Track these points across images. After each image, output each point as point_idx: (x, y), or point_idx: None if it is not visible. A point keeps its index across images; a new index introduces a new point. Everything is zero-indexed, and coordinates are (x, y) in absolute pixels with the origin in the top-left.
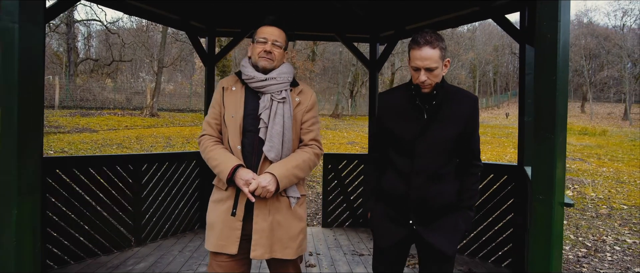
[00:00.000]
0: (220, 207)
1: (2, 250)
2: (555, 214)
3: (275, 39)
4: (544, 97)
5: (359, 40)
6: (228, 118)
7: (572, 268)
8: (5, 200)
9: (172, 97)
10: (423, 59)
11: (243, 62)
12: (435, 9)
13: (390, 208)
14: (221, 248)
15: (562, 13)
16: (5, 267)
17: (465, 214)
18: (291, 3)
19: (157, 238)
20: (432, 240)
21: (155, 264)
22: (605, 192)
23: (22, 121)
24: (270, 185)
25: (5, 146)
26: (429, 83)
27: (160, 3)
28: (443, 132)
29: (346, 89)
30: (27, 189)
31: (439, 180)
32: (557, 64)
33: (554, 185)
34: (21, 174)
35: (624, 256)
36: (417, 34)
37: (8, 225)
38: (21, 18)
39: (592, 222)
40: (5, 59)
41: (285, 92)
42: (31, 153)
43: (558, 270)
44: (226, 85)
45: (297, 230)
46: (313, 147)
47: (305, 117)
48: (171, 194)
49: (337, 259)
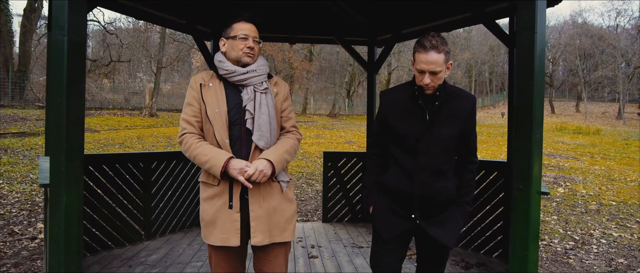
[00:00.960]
0: (216, 202)
1: (53, 232)
2: (532, 201)
3: (254, 35)
4: (523, 100)
5: (357, 43)
6: (211, 114)
7: (559, 259)
8: (56, 190)
9: (170, 98)
10: (429, 63)
11: (219, 57)
12: (430, 14)
13: (393, 203)
14: (225, 241)
15: (539, 25)
16: (56, 246)
17: (463, 208)
18: (292, 8)
19: (166, 232)
20: (435, 234)
21: (167, 256)
22: (595, 189)
23: (68, 119)
24: (266, 169)
25: (55, 143)
26: (433, 86)
27: (169, 8)
28: (445, 131)
29: (343, 89)
30: (73, 180)
31: (441, 177)
32: (534, 70)
33: (532, 176)
34: (69, 167)
35: (610, 248)
36: (423, 38)
37: (58, 211)
38: (69, 32)
39: (581, 217)
40: (56, 66)
41: (266, 83)
42: (76, 148)
43: (535, 251)
44: (203, 81)
45: (290, 212)
46: (294, 133)
47: (284, 105)
48: (179, 190)
49: (337, 251)
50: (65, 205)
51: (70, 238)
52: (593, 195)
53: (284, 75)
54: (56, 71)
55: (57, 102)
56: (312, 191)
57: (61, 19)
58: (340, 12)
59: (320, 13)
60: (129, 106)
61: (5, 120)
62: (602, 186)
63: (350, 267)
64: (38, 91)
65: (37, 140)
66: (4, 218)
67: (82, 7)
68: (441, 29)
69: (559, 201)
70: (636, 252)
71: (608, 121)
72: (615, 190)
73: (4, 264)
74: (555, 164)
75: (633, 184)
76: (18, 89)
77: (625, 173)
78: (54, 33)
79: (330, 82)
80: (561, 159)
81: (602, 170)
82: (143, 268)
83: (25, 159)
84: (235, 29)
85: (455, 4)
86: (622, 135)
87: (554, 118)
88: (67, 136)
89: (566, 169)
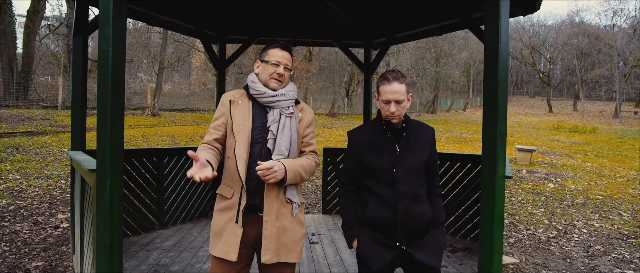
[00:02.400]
0: (226, 215)
1: (100, 210)
2: (498, 184)
3: (286, 63)
4: (489, 98)
5: (354, 46)
6: (237, 129)
7: (542, 246)
8: (103, 174)
9: (171, 98)
10: (393, 92)
11: (252, 78)
12: (421, 20)
13: (377, 233)
14: (225, 254)
15: (502, 36)
16: (102, 222)
17: (440, 229)
18: (293, 13)
19: (177, 222)
20: (422, 257)
21: (179, 242)
22: (584, 184)
23: (112, 115)
24: (279, 171)
25: (103, 134)
26: (398, 114)
27: (179, 15)
28: (415, 158)
29: (342, 89)
30: (116, 165)
31: (419, 201)
32: (498, 74)
33: (497, 162)
34: (112, 155)
35: (590, 237)
36: (385, 72)
37: (104, 192)
38: (113, 43)
39: (567, 210)
40: (103, 70)
41: (292, 108)
42: (118, 138)
43: (500, 227)
44: (233, 98)
45: (299, 234)
46: (313, 157)
47: (306, 131)
48: (188, 184)
49: (336, 238)
50: (110, 186)
51: (113, 213)
52: (581, 190)
53: None
54: (103, 74)
55: (103, 100)
56: (312, 186)
57: (106, 33)
58: (338, 17)
59: (319, 18)
60: (130, 106)
61: (12, 120)
62: (591, 182)
63: (347, 252)
64: (41, 91)
65: (46, 139)
66: (27, 210)
67: (123, 23)
68: (431, 33)
69: (547, 195)
70: (614, 240)
71: (605, 119)
72: (604, 186)
73: (34, 249)
74: (548, 161)
75: (622, 180)
76: (22, 89)
77: (615, 170)
78: (100, 44)
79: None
80: (555, 157)
81: (593, 167)
82: (159, 252)
83: (37, 156)
84: (270, 54)
85: (443, 11)
86: (618, 133)
87: (551, 117)
88: (111, 129)
89: (558, 166)
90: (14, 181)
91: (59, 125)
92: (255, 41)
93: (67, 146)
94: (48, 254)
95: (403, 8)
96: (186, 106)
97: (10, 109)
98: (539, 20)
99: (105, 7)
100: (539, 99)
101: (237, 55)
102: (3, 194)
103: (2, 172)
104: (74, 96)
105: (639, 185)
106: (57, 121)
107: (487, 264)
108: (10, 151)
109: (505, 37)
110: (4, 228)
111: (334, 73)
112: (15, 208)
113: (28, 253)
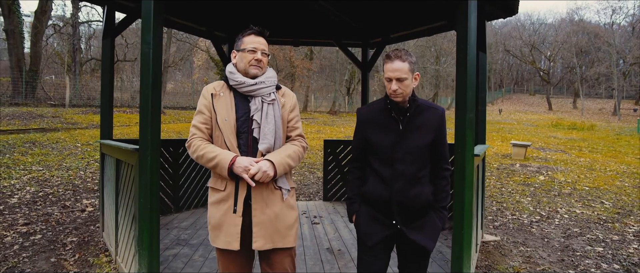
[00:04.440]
0: (222, 207)
1: (142, 184)
2: (467, 162)
3: (263, 48)
4: (460, 91)
5: (352, 45)
6: (221, 122)
7: (524, 228)
8: (144, 153)
9: (175, 96)
10: (394, 70)
11: (230, 69)
12: (413, 22)
13: (374, 210)
14: (228, 245)
15: (470, 39)
16: (144, 192)
17: (440, 213)
18: (296, 15)
19: (191, 207)
20: (416, 238)
21: (195, 223)
22: (574, 177)
23: (152, 106)
24: (269, 170)
25: (144, 120)
26: (400, 92)
27: (191, 17)
28: (417, 140)
29: (343, 87)
30: (155, 146)
31: (417, 183)
32: (467, 70)
33: (466, 143)
34: (153, 135)
35: (570, 221)
36: (389, 51)
37: (145, 167)
38: (153, 46)
39: (553, 199)
40: (144, 69)
41: (274, 94)
42: (156, 123)
43: (469, 199)
44: (214, 91)
45: (292, 219)
46: (300, 141)
47: (290, 115)
48: (201, 172)
49: (335, 220)
50: (150, 163)
51: (153, 186)
52: (570, 182)
53: (285, 73)
54: (144, 72)
55: (145, 94)
56: (314, 178)
57: (147, 37)
58: (337, 19)
59: (320, 20)
60: (135, 104)
61: (24, 117)
62: (581, 175)
63: (345, 230)
64: (48, 90)
65: (59, 135)
66: (54, 196)
67: (161, 30)
68: (422, 34)
69: (537, 186)
70: (591, 224)
71: (604, 117)
72: (592, 178)
73: (66, 228)
74: (543, 156)
75: (611, 173)
76: (30, 88)
77: (606, 164)
78: (142, 47)
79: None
80: (550, 152)
81: (586, 162)
82: (178, 230)
83: (54, 151)
84: (245, 42)
85: (433, 14)
86: (616, 131)
87: (550, 115)
88: (152, 116)
89: (552, 160)
90: (37, 172)
91: (69, 122)
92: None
93: (79, 141)
94: (79, 232)
95: (397, 12)
96: (190, 104)
97: (20, 107)
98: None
99: (147, 16)
100: (539, 97)
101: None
102: (31, 183)
103: (26, 164)
104: (103, 92)
105: (627, 178)
106: (67, 119)
107: (459, 225)
108: (27, 146)
109: (472, 39)
110: (38, 211)
111: (335, 72)
112: (44, 194)
113: (62, 230)
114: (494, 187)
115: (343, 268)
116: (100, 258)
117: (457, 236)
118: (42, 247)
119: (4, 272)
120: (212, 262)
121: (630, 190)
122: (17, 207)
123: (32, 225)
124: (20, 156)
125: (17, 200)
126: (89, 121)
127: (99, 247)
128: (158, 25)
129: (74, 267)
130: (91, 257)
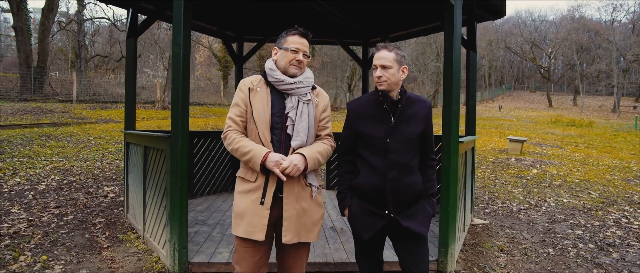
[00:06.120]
0: (250, 197)
1: (174, 164)
2: (452, 147)
3: (304, 50)
4: (447, 86)
5: (353, 44)
6: (257, 116)
7: (512, 215)
8: (176, 138)
9: None
10: (380, 58)
11: (270, 65)
12: (409, 23)
13: (367, 203)
14: (250, 234)
15: (455, 40)
16: (175, 174)
17: (430, 200)
18: (301, 16)
19: (204, 193)
20: (410, 225)
21: (210, 207)
22: (566, 170)
23: (182, 97)
24: (300, 163)
25: (176, 110)
26: (385, 80)
27: (204, 18)
28: (409, 130)
29: (344, 83)
30: (185, 132)
31: (409, 172)
32: (453, 67)
33: (451, 131)
34: (182, 125)
35: (556, 209)
36: (379, 44)
37: (176, 149)
38: (183, 46)
39: (543, 190)
40: (175, 68)
41: (310, 95)
42: (185, 113)
43: (454, 178)
44: (251, 85)
45: (318, 215)
46: (329, 140)
47: (322, 115)
48: (214, 161)
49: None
50: (181, 146)
51: (182, 167)
52: (562, 175)
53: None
54: (176, 69)
55: (176, 87)
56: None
57: (178, 39)
58: (339, 20)
59: (323, 20)
60: (140, 100)
61: (35, 112)
62: (573, 169)
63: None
64: (55, 86)
65: (71, 129)
66: (78, 183)
67: (188, 32)
68: (419, 34)
69: (529, 178)
70: (576, 212)
71: (603, 114)
72: (584, 172)
73: (93, 210)
74: (539, 151)
75: (603, 167)
76: (38, 84)
77: (600, 159)
78: (173, 47)
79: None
80: (546, 148)
81: (580, 157)
82: (195, 213)
83: (69, 144)
84: (289, 41)
85: (428, 16)
86: (614, 127)
87: (550, 112)
88: (182, 107)
89: (547, 155)
90: (58, 162)
91: (79, 117)
92: (268, 40)
93: (92, 135)
94: (105, 214)
95: (394, 13)
96: (193, 100)
97: (29, 103)
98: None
99: (178, 20)
100: (540, 94)
101: (253, 52)
102: (54, 172)
103: (46, 155)
104: (127, 88)
105: (617, 172)
106: (76, 114)
107: (446, 202)
108: (44, 139)
109: (458, 39)
110: (66, 196)
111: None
112: (68, 182)
113: (90, 213)
114: (488, 179)
115: (345, 243)
116: (128, 235)
117: (443, 214)
118: (76, 226)
119: (49, 243)
120: (229, 237)
121: (619, 183)
122: (46, 193)
123: (62, 208)
124: (39, 148)
125: (45, 187)
126: (98, 116)
127: (125, 226)
128: (187, 28)
129: (106, 242)
130: (120, 234)
